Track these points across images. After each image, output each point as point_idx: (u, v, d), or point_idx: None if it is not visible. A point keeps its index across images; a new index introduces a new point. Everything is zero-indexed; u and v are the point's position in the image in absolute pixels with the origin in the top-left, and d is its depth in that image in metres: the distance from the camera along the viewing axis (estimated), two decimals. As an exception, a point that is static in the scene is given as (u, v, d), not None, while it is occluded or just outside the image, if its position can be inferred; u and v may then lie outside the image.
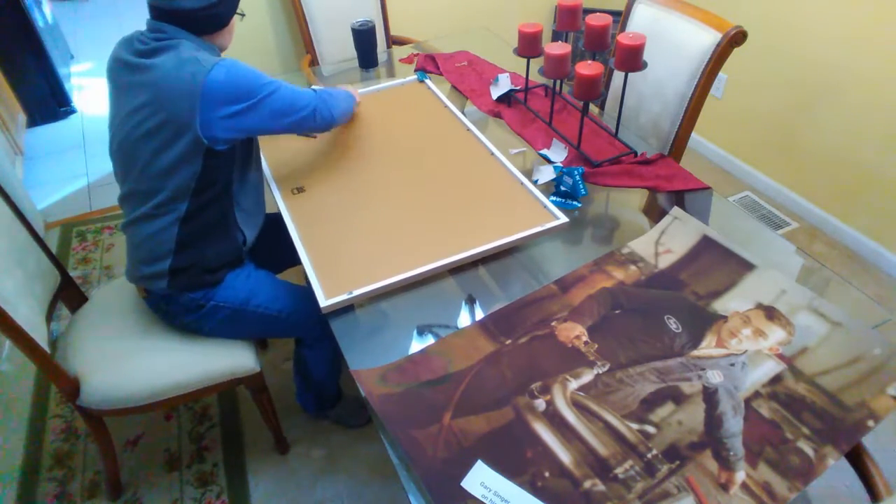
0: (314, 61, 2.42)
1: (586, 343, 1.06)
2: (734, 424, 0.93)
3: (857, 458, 0.93)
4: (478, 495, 0.85)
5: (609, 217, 1.37)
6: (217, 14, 1.20)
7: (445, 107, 1.70)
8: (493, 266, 1.24)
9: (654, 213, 1.37)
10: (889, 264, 2.18)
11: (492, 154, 1.48)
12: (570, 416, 0.95)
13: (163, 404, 1.40)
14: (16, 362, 1.99)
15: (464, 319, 1.12)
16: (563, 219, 1.27)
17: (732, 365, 1.01)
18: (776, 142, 2.47)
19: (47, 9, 3.55)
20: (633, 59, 1.39)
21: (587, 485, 0.86)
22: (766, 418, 0.93)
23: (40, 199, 2.73)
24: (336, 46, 2.42)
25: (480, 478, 0.87)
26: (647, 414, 0.95)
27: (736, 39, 1.49)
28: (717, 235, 1.26)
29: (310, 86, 1.73)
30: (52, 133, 3.23)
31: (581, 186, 1.38)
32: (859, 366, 0.99)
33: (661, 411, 0.95)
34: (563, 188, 1.40)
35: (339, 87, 1.59)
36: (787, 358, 1.02)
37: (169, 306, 1.33)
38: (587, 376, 1.01)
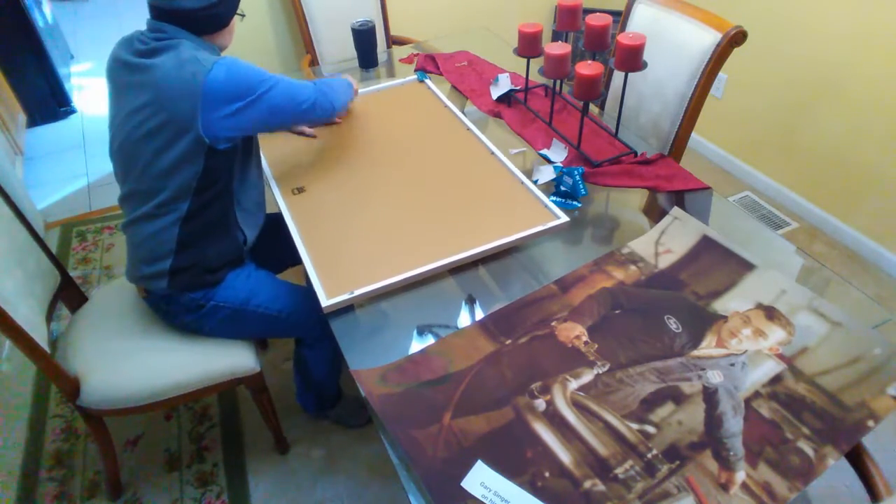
0: (314, 61, 2.42)
1: (586, 343, 1.06)
2: (734, 424, 0.93)
3: (857, 458, 0.93)
4: (478, 495, 0.85)
5: (609, 217, 1.37)
6: (217, 14, 1.20)
7: (445, 107, 1.70)
8: (493, 266, 1.24)
9: (654, 213, 1.37)
10: (889, 264, 2.18)
11: (492, 154, 1.48)
12: (570, 416, 0.95)
13: (163, 404, 1.40)
14: (16, 362, 1.99)
15: (464, 319, 1.12)
16: (563, 218, 1.27)
17: (732, 365, 1.01)
18: (776, 142, 2.47)
19: (47, 9, 3.55)
20: (633, 59, 1.39)
21: (587, 485, 0.86)
22: (766, 418, 0.93)
23: (40, 199, 2.73)
24: (336, 46, 2.42)
25: (480, 478, 0.87)
26: (647, 414, 0.95)
27: (736, 39, 1.49)
28: (717, 235, 1.26)
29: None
30: (52, 133, 3.23)
31: (581, 186, 1.38)
32: (859, 366, 0.99)
33: (661, 411, 0.95)
34: (563, 188, 1.40)
35: (337, 75, 1.59)
36: (787, 358, 1.02)
37: (169, 306, 1.33)
38: (587, 376, 1.01)
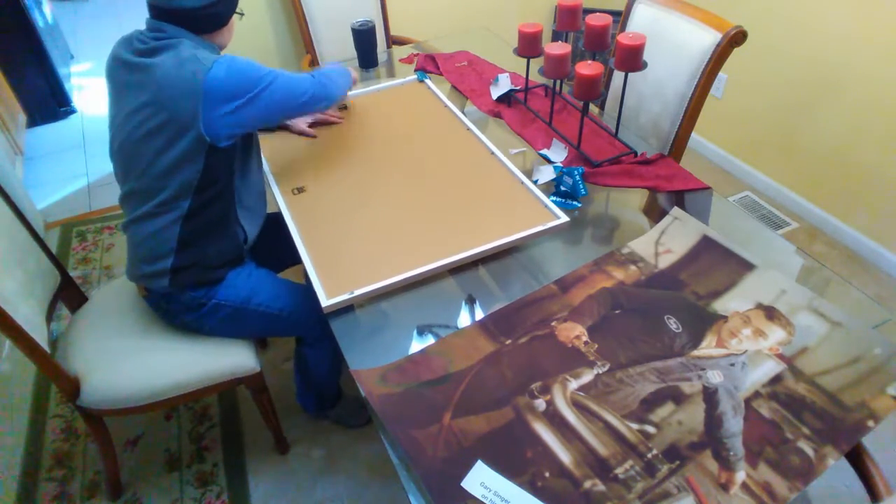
0: (314, 61, 2.43)
1: (586, 343, 1.06)
2: (734, 424, 0.93)
3: (857, 458, 0.93)
4: (478, 495, 0.85)
5: (609, 217, 1.37)
6: (217, 13, 1.20)
7: (445, 107, 1.70)
8: (493, 266, 1.24)
9: (654, 213, 1.37)
10: (889, 264, 2.18)
11: (492, 154, 1.48)
12: (570, 416, 0.95)
13: (163, 404, 1.40)
14: (16, 362, 1.99)
15: (464, 319, 1.12)
16: (563, 218, 1.27)
17: (732, 365, 1.01)
18: (776, 142, 2.47)
19: (47, 9, 3.55)
20: (633, 59, 1.39)
21: (587, 485, 0.86)
22: (766, 418, 0.93)
23: (40, 199, 2.73)
24: (336, 46, 2.42)
25: (480, 478, 0.87)
26: (647, 414, 0.95)
27: (736, 39, 1.49)
28: (717, 235, 1.25)
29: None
30: (52, 133, 3.23)
31: (581, 186, 1.38)
32: (859, 366, 0.99)
33: (661, 411, 0.95)
34: (563, 188, 1.40)
35: (336, 63, 1.57)
36: (787, 358, 1.02)
37: (170, 305, 1.33)
38: (587, 376, 1.01)
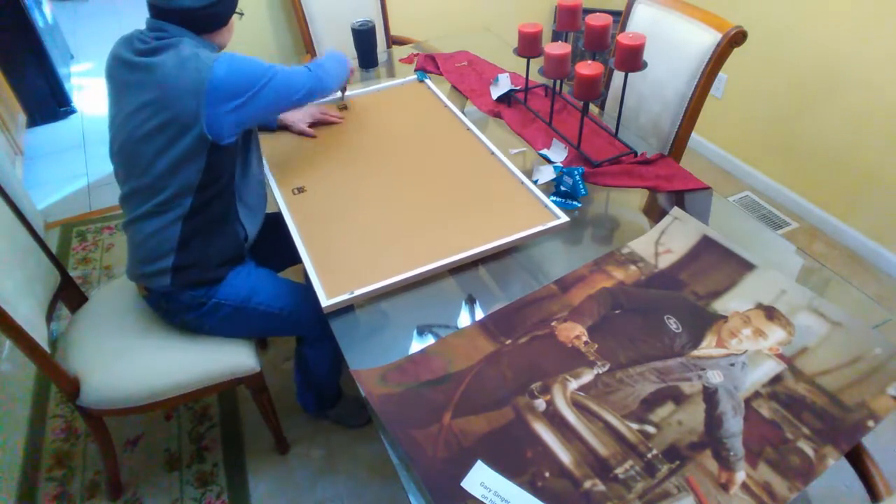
0: (314, 61, 2.42)
1: (586, 343, 1.06)
2: (734, 424, 0.93)
3: (857, 458, 0.93)
4: (478, 495, 0.85)
5: (609, 217, 1.37)
6: (217, 13, 1.20)
7: (445, 107, 1.70)
8: (493, 266, 1.24)
9: (654, 213, 1.37)
10: (889, 264, 2.18)
11: (492, 154, 1.48)
12: (570, 416, 0.95)
13: (163, 404, 1.40)
14: (16, 362, 1.99)
15: (464, 319, 1.12)
16: (563, 218, 1.27)
17: (732, 365, 1.01)
18: (776, 142, 2.47)
19: (47, 9, 3.55)
20: (633, 59, 1.39)
21: (587, 485, 0.86)
22: (766, 418, 0.93)
23: (40, 199, 2.73)
24: (336, 46, 2.41)
25: (480, 478, 0.87)
26: (647, 414, 0.95)
27: (736, 39, 1.49)
28: (717, 235, 1.25)
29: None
30: (52, 133, 3.22)
31: (581, 186, 1.38)
32: (859, 366, 0.99)
33: (661, 411, 0.95)
34: (563, 188, 1.40)
35: (331, 50, 1.54)
36: (787, 358, 1.02)
37: (170, 304, 1.33)
38: (587, 376, 1.01)
